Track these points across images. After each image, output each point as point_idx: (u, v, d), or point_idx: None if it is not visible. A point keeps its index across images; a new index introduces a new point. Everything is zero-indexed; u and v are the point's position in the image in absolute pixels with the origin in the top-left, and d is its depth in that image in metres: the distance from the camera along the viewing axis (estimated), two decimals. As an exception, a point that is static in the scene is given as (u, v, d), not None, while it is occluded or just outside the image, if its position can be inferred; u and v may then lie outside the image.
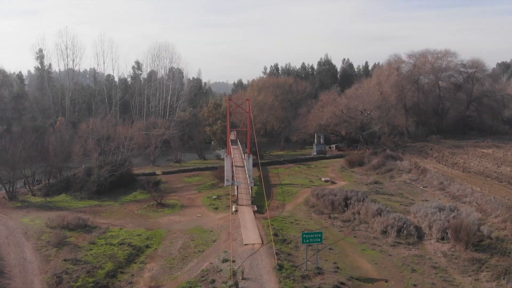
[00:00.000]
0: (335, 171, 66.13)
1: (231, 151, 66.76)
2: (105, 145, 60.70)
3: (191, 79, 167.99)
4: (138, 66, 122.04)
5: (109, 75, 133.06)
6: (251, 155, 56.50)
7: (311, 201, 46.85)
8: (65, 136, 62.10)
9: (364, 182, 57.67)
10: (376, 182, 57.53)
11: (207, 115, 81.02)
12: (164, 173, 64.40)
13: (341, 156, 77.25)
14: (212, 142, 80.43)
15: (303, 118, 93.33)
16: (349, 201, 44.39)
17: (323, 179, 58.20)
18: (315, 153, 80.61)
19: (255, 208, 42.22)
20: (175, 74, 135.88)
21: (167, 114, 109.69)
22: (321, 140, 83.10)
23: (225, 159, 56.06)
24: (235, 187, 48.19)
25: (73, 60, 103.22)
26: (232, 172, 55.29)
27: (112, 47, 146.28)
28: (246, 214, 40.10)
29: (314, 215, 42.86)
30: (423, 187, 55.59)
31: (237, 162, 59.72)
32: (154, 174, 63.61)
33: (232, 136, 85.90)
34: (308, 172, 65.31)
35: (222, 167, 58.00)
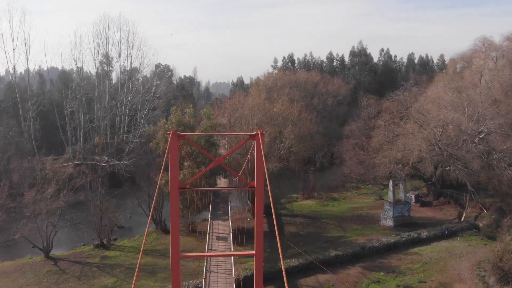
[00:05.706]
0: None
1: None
2: None
3: (182, 77, 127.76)
4: (107, 60, 78.59)
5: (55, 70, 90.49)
6: None
7: None
8: None
9: None
10: None
11: (163, 146, 38.03)
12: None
13: (450, 234, 36.02)
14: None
15: (350, 142, 51.83)
16: None
17: None
18: (391, 223, 39.04)
19: None
20: (164, 71, 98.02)
21: (123, 131, 68.08)
22: (402, 194, 41.22)
23: None
24: None
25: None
26: None
27: (25, 24, 68.05)
28: None
29: None
30: None
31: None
32: None
33: (223, 183, 44.31)
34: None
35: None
